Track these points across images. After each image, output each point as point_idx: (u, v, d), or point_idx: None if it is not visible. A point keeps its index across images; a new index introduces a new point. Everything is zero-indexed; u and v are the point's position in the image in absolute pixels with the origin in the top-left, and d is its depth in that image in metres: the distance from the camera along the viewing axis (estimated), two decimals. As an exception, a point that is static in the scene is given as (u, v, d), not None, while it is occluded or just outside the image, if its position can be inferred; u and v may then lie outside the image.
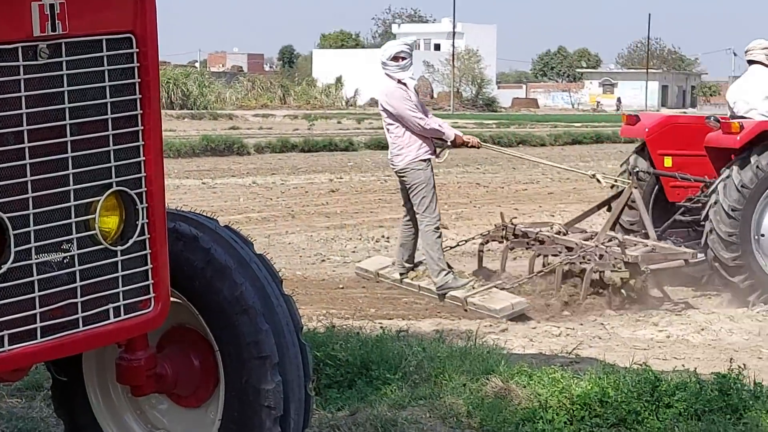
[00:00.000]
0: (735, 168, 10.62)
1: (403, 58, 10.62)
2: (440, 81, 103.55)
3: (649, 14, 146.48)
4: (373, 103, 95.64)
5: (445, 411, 5.66)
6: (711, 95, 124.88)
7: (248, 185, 22.41)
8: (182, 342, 4.36)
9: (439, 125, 10.85)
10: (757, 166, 10.60)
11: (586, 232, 11.55)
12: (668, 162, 11.60)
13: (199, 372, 4.32)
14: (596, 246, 10.54)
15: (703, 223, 10.95)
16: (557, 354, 8.17)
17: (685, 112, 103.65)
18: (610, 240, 10.79)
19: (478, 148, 11.71)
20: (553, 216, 17.96)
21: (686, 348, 8.78)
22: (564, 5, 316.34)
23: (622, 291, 10.42)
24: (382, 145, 35.34)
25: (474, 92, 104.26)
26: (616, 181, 11.72)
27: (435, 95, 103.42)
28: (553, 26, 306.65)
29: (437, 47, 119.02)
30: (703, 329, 9.46)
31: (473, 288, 10.50)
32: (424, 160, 10.70)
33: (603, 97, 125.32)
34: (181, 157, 29.17)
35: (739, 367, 5.99)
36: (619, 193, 11.48)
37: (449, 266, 10.79)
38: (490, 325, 9.48)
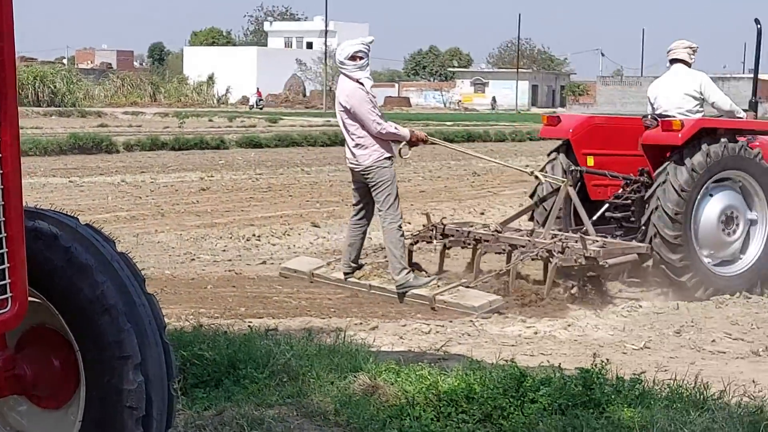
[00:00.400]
0: (672, 169, 11.00)
1: (361, 57, 10.62)
2: (313, 79, 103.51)
3: (519, 14, 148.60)
4: (245, 100, 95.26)
5: (312, 409, 5.64)
6: (580, 95, 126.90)
7: (117, 184, 22.09)
8: (42, 342, 4.27)
9: (395, 128, 10.88)
10: (693, 169, 10.98)
11: (521, 230, 11.71)
12: (590, 161, 11.81)
13: (59, 373, 4.23)
14: (555, 242, 10.70)
15: (632, 219, 11.40)
16: (426, 351, 8.20)
17: (555, 112, 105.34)
18: (553, 237, 10.97)
19: (426, 142, 11.68)
20: (425, 214, 18.02)
21: (553, 344, 8.87)
22: (435, 5, 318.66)
23: (586, 286, 10.72)
24: (254, 144, 35.25)
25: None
26: (544, 177, 11.81)
27: (308, 93, 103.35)
28: (425, 25, 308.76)
29: (309, 45, 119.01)
30: (569, 325, 9.58)
31: (438, 286, 10.61)
32: (389, 158, 10.76)
33: (475, 95, 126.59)
34: (48, 155, 28.65)
35: (602, 362, 6.08)
36: (555, 191, 11.61)
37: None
38: (360, 323, 9.47)
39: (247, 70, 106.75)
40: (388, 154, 10.76)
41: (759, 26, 12.57)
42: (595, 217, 11.58)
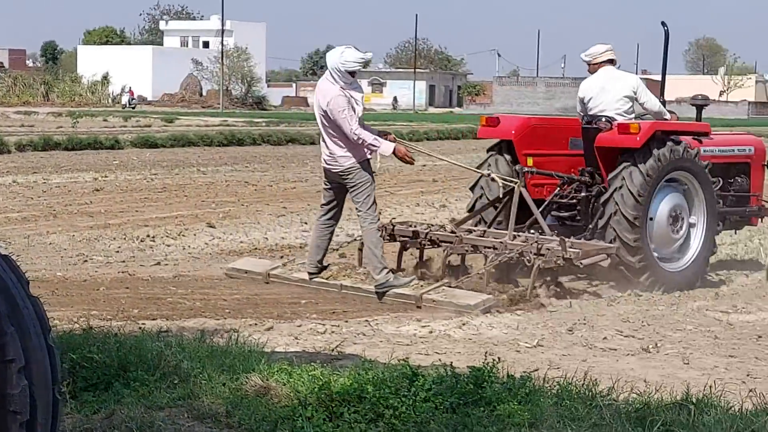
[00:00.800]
0: (627, 174, 11.32)
1: (354, 75, 10.75)
2: (209, 79, 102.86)
3: (416, 15, 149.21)
4: (141, 101, 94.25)
5: (203, 411, 5.59)
6: (476, 95, 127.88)
7: (8, 184, 21.68)
8: None
9: (374, 139, 10.92)
10: (647, 173, 11.31)
11: (474, 230, 11.81)
12: (530, 161, 12.03)
13: (-61, 378, 4.12)
14: (529, 244, 10.89)
15: (578, 218, 11.82)
16: (321, 351, 8.18)
17: (452, 111, 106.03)
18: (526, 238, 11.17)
19: (411, 163, 12.08)
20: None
21: (447, 343, 8.91)
22: (333, 4, 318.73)
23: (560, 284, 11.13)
24: (150, 144, 34.89)
25: (244, 90, 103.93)
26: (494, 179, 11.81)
27: (204, 93, 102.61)
28: (323, 25, 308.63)
29: (206, 45, 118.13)
30: (464, 324, 9.63)
31: (421, 286, 10.78)
32: (368, 160, 10.94)
33: (373, 95, 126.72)
34: (-64, 155, 28.10)
35: (494, 360, 6.12)
36: (510, 192, 11.71)
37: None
38: (255, 324, 9.42)
39: (142, 70, 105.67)
40: (367, 157, 10.94)
41: (666, 28, 12.89)
42: (532, 218, 11.72)
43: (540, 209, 11.65)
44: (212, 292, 10.98)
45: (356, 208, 11.07)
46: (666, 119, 12.08)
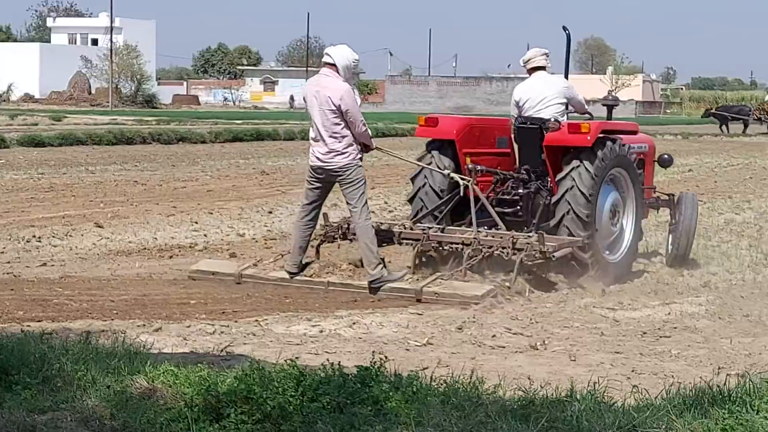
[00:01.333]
0: (577, 175, 11.73)
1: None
2: (98, 77, 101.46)
3: (308, 13, 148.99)
4: (28, 98, 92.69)
5: (87, 414, 5.50)
6: (369, 93, 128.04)
7: None
8: None
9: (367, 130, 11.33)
10: (595, 174, 11.74)
11: (432, 227, 11.97)
12: (468, 160, 12.35)
13: None
14: (506, 239, 11.27)
15: (520, 214, 12.31)
16: (209, 352, 8.11)
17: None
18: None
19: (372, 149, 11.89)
20: (212, 213, 17.93)
21: (338, 342, 8.91)
22: (224, 2, 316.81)
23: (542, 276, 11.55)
24: (37, 142, 34.29)
25: (133, 88, 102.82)
26: (458, 178, 12.00)
27: (93, 91, 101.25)
28: (214, 23, 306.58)
29: (95, 42, 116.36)
30: (354, 323, 9.64)
31: (417, 280, 11.05)
32: (361, 158, 11.25)
33: (265, 94, 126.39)
34: None
35: (382, 359, 6.13)
36: (456, 188, 12.03)
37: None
38: (144, 325, 9.30)
39: (29, 67, 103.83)
40: (361, 155, 11.25)
41: (567, 32, 13.29)
42: (471, 214, 11.97)
43: (477, 206, 11.93)
44: (99, 293, 10.83)
45: (351, 206, 11.29)
46: (590, 119, 12.64)
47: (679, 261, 13.00)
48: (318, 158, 11.15)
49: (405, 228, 12.06)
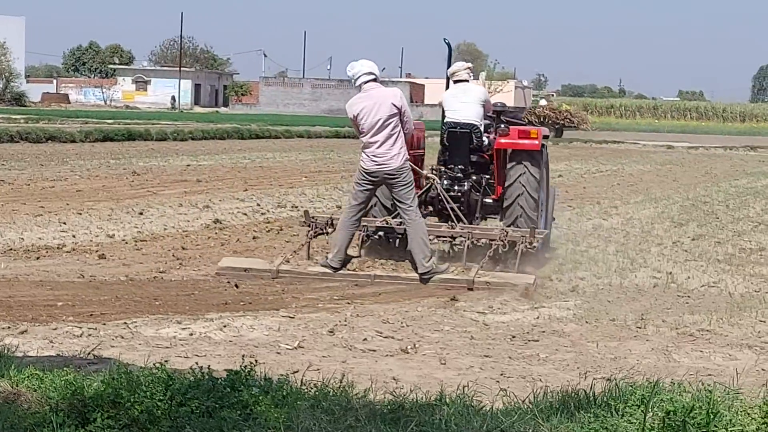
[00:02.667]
0: (531, 171, 13.32)
1: None
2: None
3: (182, 13, 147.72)
4: None
5: (-53, 420, 5.37)
6: (243, 95, 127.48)
7: None
8: None
9: None
10: (539, 165, 13.47)
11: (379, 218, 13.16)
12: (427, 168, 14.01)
13: None
14: (501, 232, 12.59)
15: (462, 208, 13.44)
16: (76, 355, 7.98)
17: (218, 111, 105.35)
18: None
19: None
20: (81, 214, 17.66)
21: (208, 345, 8.84)
22: None
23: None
24: None
25: (2, 86, 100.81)
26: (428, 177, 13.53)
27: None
28: (85, 20, 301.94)
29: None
30: (225, 326, 9.56)
31: (463, 271, 12.06)
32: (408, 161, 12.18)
33: (137, 93, 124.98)
34: None
35: (252, 362, 6.09)
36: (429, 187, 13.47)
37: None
38: (9, 327, 9.12)
39: None
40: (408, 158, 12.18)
41: (448, 43, 14.88)
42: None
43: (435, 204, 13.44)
44: (-39, 295, 10.56)
45: (404, 205, 12.07)
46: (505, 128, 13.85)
47: None
48: (374, 161, 11.97)
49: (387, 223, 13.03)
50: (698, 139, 71.49)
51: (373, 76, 12.07)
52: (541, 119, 61.60)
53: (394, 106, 11.87)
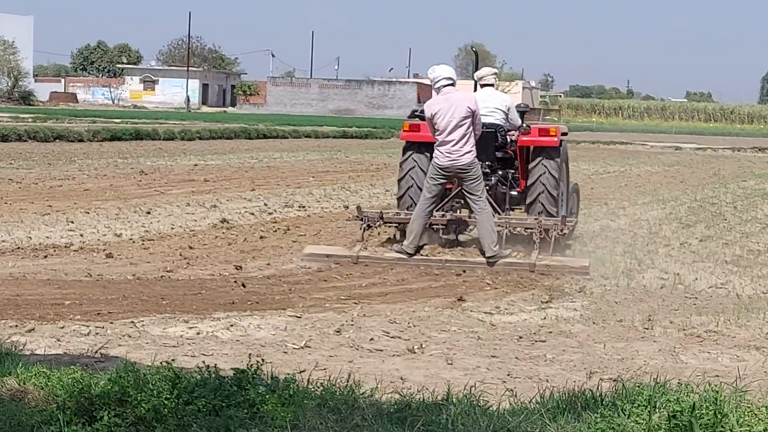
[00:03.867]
0: (549, 164, 14.59)
1: None
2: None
3: (190, 12, 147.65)
4: None
5: (-45, 417, 5.38)
6: (250, 95, 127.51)
7: None
8: None
9: None
10: (559, 163, 14.72)
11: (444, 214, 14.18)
12: None
13: None
14: (537, 220, 13.79)
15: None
16: (84, 354, 7.99)
17: (225, 111, 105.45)
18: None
19: None
20: (88, 213, 17.69)
21: (215, 344, 8.84)
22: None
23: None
24: None
25: (10, 85, 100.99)
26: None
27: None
28: (93, 19, 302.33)
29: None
30: (232, 325, 9.57)
31: (524, 256, 13.23)
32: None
33: (145, 93, 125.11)
34: None
35: (259, 362, 6.09)
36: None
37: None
38: (16, 326, 9.14)
39: None
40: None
41: (475, 51, 17.79)
42: (449, 199, 14.18)
43: (453, 194, 14.14)
44: (-30, 293, 10.58)
45: (474, 197, 13.25)
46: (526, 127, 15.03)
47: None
48: (447, 158, 13.12)
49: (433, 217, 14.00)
50: (706, 141, 71.36)
51: (451, 81, 13.24)
52: None
53: (469, 109, 13.05)
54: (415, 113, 15.40)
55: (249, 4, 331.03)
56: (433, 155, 13.32)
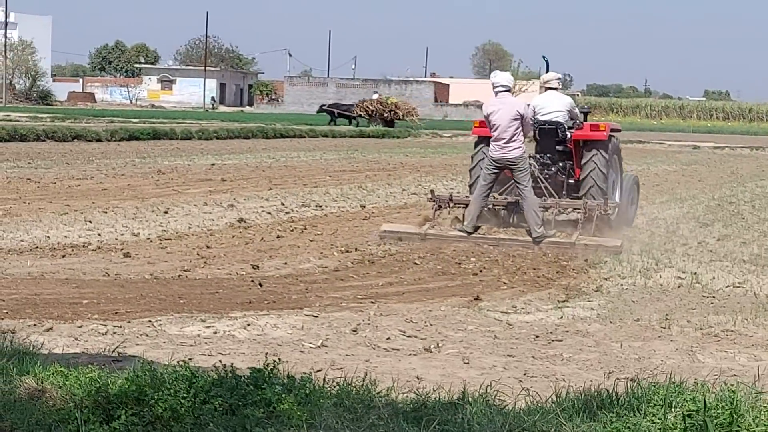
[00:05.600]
0: (598, 159, 16.62)
1: None
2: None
3: (207, 12, 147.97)
4: None
5: (-29, 416, 5.40)
6: (267, 94, 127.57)
7: None
8: None
9: None
10: (608, 158, 16.77)
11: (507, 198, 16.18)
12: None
13: None
14: (584, 203, 15.75)
15: (544, 186, 16.41)
16: (101, 353, 8.03)
17: (243, 110, 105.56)
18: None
19: None
20: (106, 212, 17.74)
21: (232, 343, 8.86)
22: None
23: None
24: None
25: (28, 85, 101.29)
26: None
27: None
28: (111, 19, 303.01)
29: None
30: (249, 325, 9.59)
31: (568, 236, 15.04)
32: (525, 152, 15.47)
33: (162, 93, 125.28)
34: None
35: (275, 361, 6.11)
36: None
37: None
38: (35, 325, 9.17)
39: None
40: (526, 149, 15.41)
41: (546, 60, 18.22)
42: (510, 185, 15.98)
43: (510, 184, 15.97)
44: (-12, 292, 10.62)
45: (520, 185, 15.23)
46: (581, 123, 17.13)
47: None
48: (500, 152, 15.16)
49: (495, 199, 16.05)
50: (724, 139, 71.10)
51: (507, 88, 15.36)
52: (370, 112, 65.63)
53: (518, 112, 15.05)
54: (323, 107, 16.40)
55: (266, 4, 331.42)
56: (489, 149, 15.42)
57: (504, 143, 15.15)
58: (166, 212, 18.18)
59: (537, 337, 9.58)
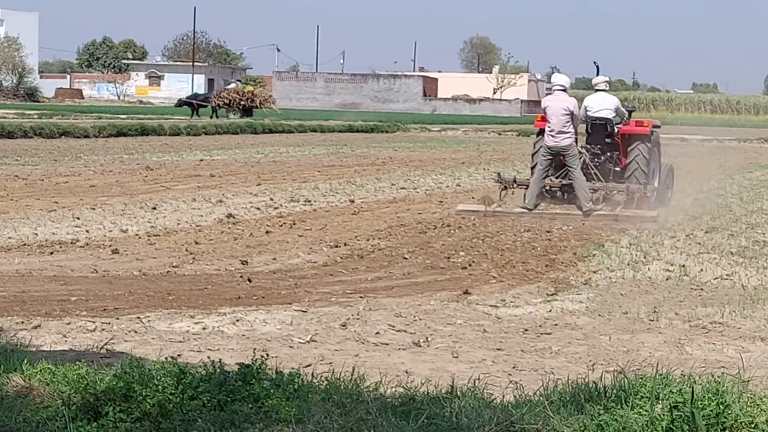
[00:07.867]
0: (643, 149, 19.52)
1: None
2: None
3: (195, 7, 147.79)
4: None
5: (-42, 414, 5.39)
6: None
7: None
8: None
9: None
10: (650, 147, 19.76)
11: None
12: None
13: None
14: (626, 186, 18.87)
15: (593, 172, 19.38)
16: (89, 350, 8.02)
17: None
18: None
19: None
20: (94, 209, 17.71)
21: (221, 339, 8.86)
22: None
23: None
24: None
25: (15, 81, 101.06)
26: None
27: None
28: (98, 15, 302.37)
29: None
30: (238, 320, 9.58)
31: (610, 209, 18.35)
32: (576, 140, 18.77)
33: (150, 88, 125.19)
34: None
35: (263, 356, 6.10)
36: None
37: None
38: (22, 322, 9.16)
39: None
40: (576, 138, 18.68)
41: (597, 65, 22.42)
42: (564, 171, 18.80)
43: (564, 169, 18.83)
44: (-23, 289, 10.60)
45: (571, 168, 18.43)
46: (627, 119, 20.01)
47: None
48: (554, 142, 18.29)
49: (552, 182, 18.86)
50: (712, 132, 71.14)
51: (563, 87, 18.63)
52: (228, 102, 64.40)
53: (568, 108, 18.16)
54: (181, 101, 16.55)
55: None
56: (544, 138, 18.42)
57: (557, 133, 18.26)
58: (154, 208, 18.15)
59: (526, 330, 9.59)
